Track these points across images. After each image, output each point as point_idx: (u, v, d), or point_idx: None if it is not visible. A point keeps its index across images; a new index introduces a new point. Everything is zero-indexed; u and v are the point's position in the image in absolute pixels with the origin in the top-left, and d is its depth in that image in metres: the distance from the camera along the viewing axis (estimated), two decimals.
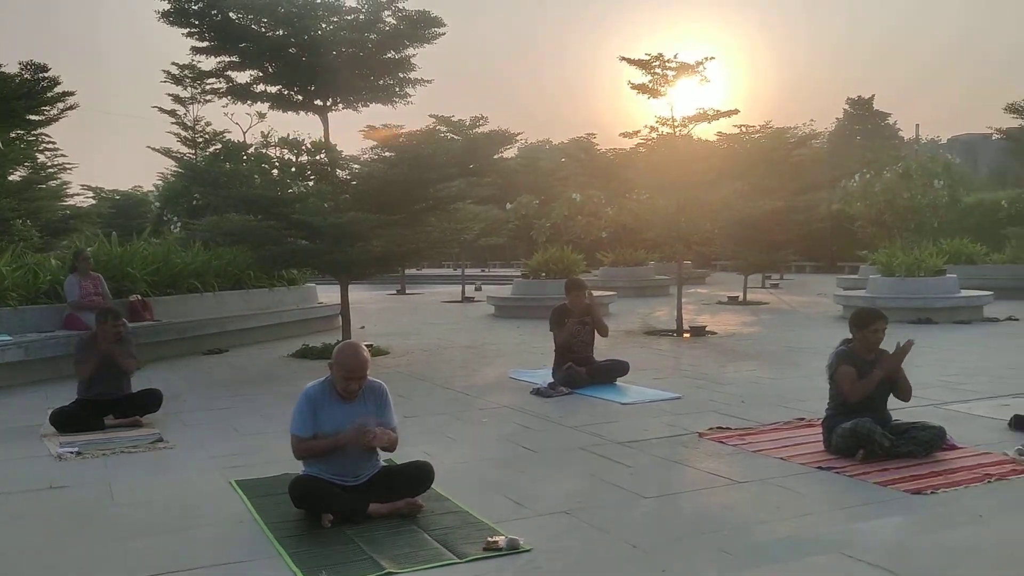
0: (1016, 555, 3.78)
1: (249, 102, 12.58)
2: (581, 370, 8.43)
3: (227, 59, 11.38)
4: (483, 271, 36.52)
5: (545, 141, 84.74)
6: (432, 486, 4.67)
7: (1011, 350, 10.88)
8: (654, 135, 13.56)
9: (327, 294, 15.65)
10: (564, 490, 4.92)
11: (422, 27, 11.08)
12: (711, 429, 6.44)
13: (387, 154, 11.50)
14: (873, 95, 64.13)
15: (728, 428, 6.50)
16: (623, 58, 13.14)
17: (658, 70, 12.88)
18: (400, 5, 10.91)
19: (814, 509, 4.49)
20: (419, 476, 4.65)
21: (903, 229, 18.90)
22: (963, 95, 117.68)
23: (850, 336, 5.83)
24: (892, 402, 5.95)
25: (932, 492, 4.73)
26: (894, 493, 4.73)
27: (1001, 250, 19.98)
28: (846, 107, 65.36)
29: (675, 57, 12.80)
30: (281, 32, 10.96)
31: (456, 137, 19.66)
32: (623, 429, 6.58)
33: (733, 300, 19.85)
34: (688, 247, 16.01)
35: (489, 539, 3.97)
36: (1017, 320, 14.33)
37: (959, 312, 14.52)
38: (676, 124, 13.29)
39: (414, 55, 11.38)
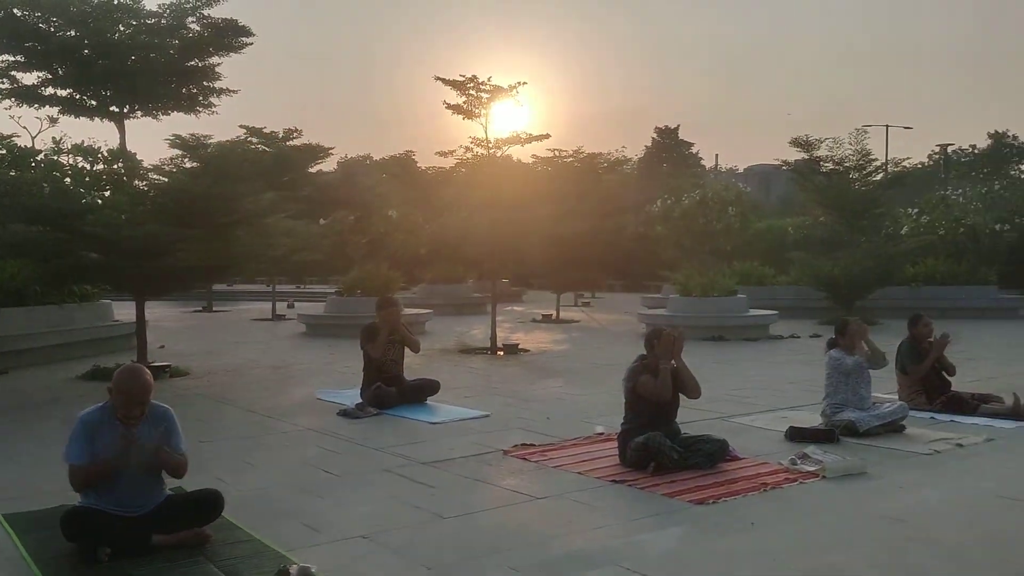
0: (775, 559, 4.06)
1: (37, 105, 11.68)
2: (391, 389, 8.35)
3: (11, 59, 10.52)
4: (299, 288, 35.56)
5: (366, 156, 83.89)
6: (223, 514, 4.46)
7: (792, 365, 11.77)
8: (469, 155, 13.75)
9: (125, 311, 14.71)
10: (363, 514, 4.84)
11: (229, 36, 10.70)
12: (515, 446, 6.55)
13: (191, 164, 10.99)
14: (679, 125, 68.04)
15: (532, 445, 6.63)
16: (439, 78, 13.27)
17: (473, 92, 13.09)
18: (206, 12, 10.50)
19: (604, 522, 4.65)
20: (207, 504, 4.43)
21: (700, 252, 20.12)
22: (758, 128, 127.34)
23: (644, 352, 6.12)
24: (683, 416, 6.29)
25: (713, 502, 5.02)
26: (680, 504, 4.98)
27: (787, 272, 21.64)
28: (654, 136, 68.93)
29: (489, 80, 13.06)
30: (73, 33, 10.27)
31: (268, 149, 19.08)
32: (429, 449, 6.57)
33: (547, 318, 20.39)
34: (504, 266, 16.31)
35: (281, 568, 3.83)
36: (799, 337, 15.55)
37: (748, 330, 15.61)
38: (491, 145, 13.53)
39: (219, 64, 10.97)
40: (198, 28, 10.56)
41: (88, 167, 10.69)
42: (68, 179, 10.74)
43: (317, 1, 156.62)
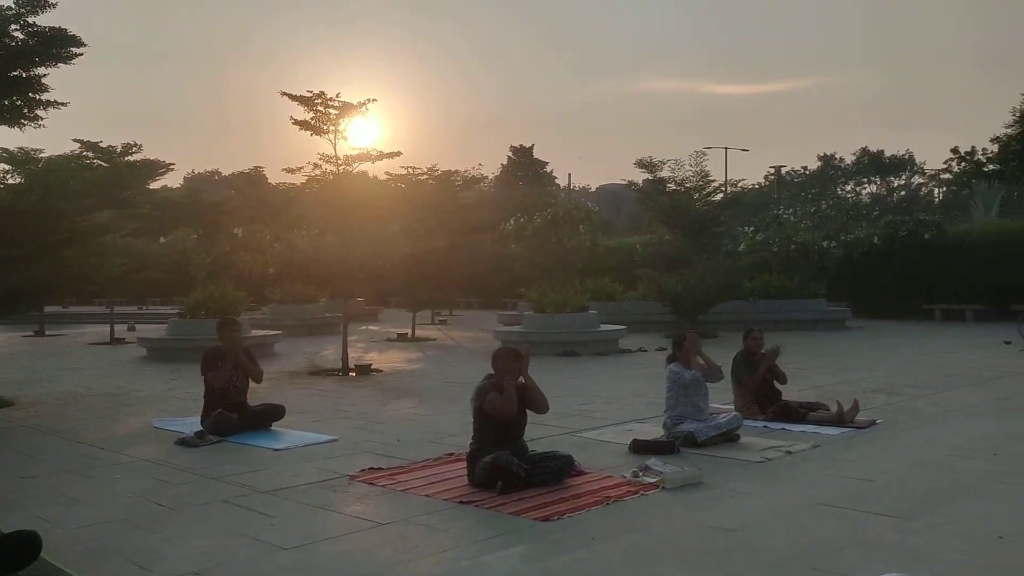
0: (610, 573, 4.15)
1: None
2: (232, 416, 8.04)
3: None
4: (140, 309, 33.80)
5: (214, 172, 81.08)
6: (41, 555, 4.15)
7: (638, 379, 12.13)
8: (318, 172, 13.51)
9: None
10: (197, 548, 4.61)
11: (57, 45, 10.07)
12: (362, 471, 6.43)
13: (14, 181, 10.27)
14: (533, 144, 69.46)
15: (380, 469, 6.53)
16: (285, 93, 12.98)
17: (321, 108, 12.87)
18: (31, 20, 9.84)
19: (450, 545, 4.62)
20: (23, 547, 4.10)
21: (554, 269, 20.53)
22: (611, 148, 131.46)
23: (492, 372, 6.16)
24: (532, 432, 6.36)
25: (558, 518, 5.08)
26: (525, 522, 5.02)
27: (635, 288, 22.39)
28: (510, 154, 70.03)
29: (337, 96, 12.88)
30: None
31: (105, 164, 18.09)
32: (272, 477, 6.35)
33: (402, 337, 20.23)
34: (357, 284, 16.07)
35: None
36: (646, 351, 16.07)
37: (598, 345, 16.02)
38: (340, 162, 13.34)
39: (46, 74, 10.29)
40: (22, 36, 9.88)
41: None
42: None
43: (164, 11, 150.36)
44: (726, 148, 51.95)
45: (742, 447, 7.12)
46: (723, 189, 24.89)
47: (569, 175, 74.96)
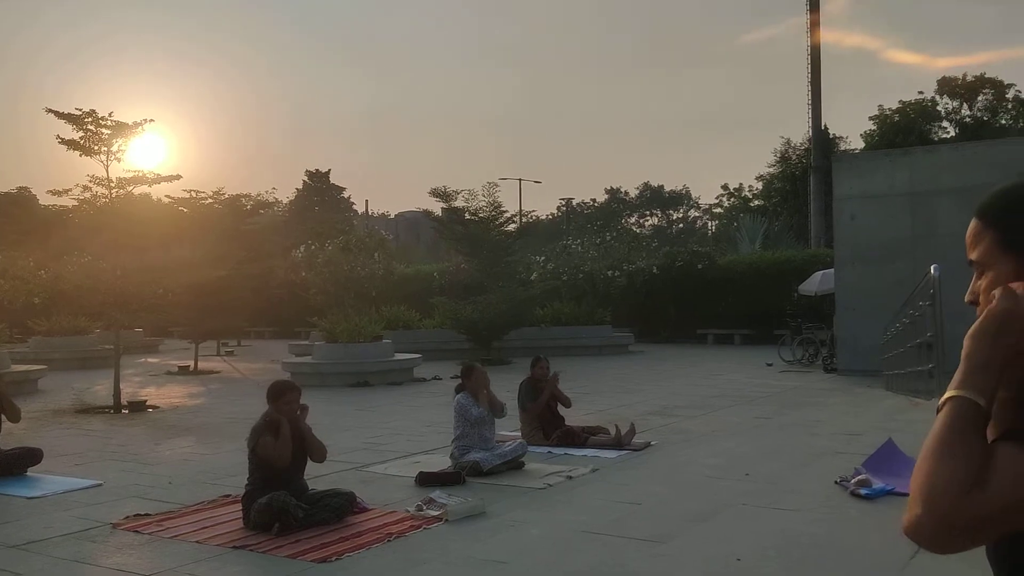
0: None
1: None
2: None
3: None
4: None
5: None
6: None
7: (430, 408, 12.13)
8: (87, 194, 12.57)
9: None
10: None
11: None
12: (127, 518, 5.99)
13: None
14: (330, 169, 68.27)
15: (147, 514, 6.10)
16: (50, 110, 12.02)
17: (92, 127, 12.02)
18: None
19: None
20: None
21: (347, 297, 20.22)
22: (409, 176, 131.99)
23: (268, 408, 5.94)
24: (316, 468, 6.18)
25: (337, 558, 4.96)
26: (303, 564, 4.86)
27: (432, 316, 22.48)
28: (305, 178, 68.53)
29: (110, 115, 12.09)
30: None
31: None
32: (23, 529, 5.78)
33: (184, 370, 19.15)
34: (132, 315, 15.05)
35: None
36: (441, 379, 16.11)
37: (393, 374, 15.90)
38: (112, 185, 12.49)
39: None
40: None
41: None
42: None
43: None
44: (520, 179, 53.69)
45: (526, 474, 7.28)
46: (518, 219, 25.65)
47: (367, 201, 74.43)
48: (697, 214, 72.45)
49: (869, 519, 5.48)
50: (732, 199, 53.97)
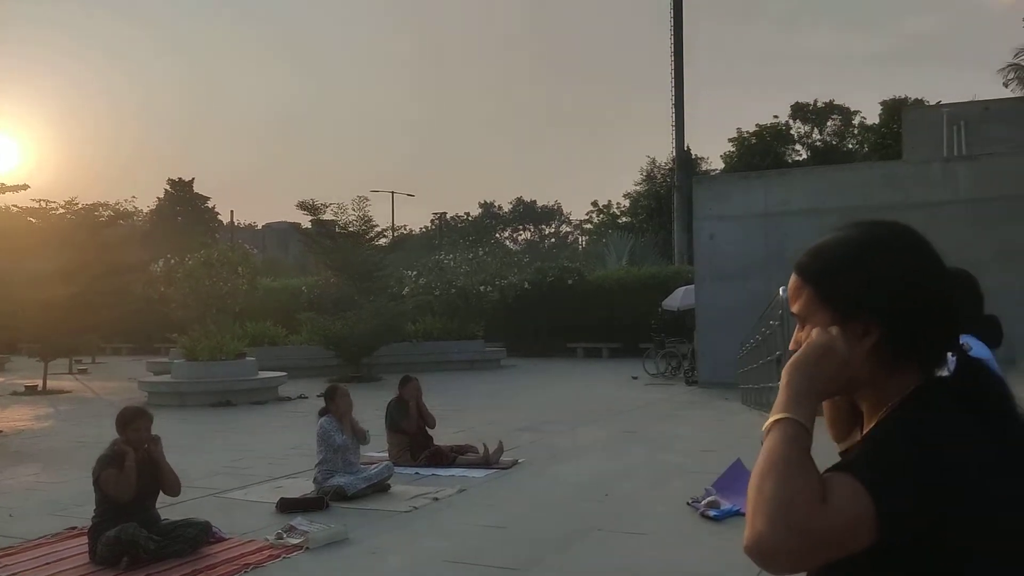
0: None
1: None
2: None
3: None
4: None
5: None
6: None
7: (295, 429, 11.74)
8: None
9: None
10: None
11: None
12: None
13: None
14: (193, 178, 65.70)
15: None
16: None
17: None
18: None
19: None
20: None
21: (209, 313, 19.51)
22: (277, 186, 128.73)
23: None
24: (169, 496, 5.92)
25: None
26: None
27: (299, 332, 21.95)
28: (167, 187, 65.74)
29: None
30: None
31: None
32: None
33: (32, 389, 17.98)
34: None
35: None
36: (307, 398, 15.71)
37: (256, 393, 15.43)
38: None
39: None
40: None
41: None
42: None
43: None
44: (392, 192, 53.25)
45: (392, 497, 7.21)
46: (390, 232, 25.45)
47: (232, 212, 72.11)
48: (569, 229, 73.88)
49: (716, 540, 5.65)
50: (601, 215, 55.30)
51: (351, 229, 20.91)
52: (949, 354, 1.27)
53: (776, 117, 47.69)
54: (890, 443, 1.18)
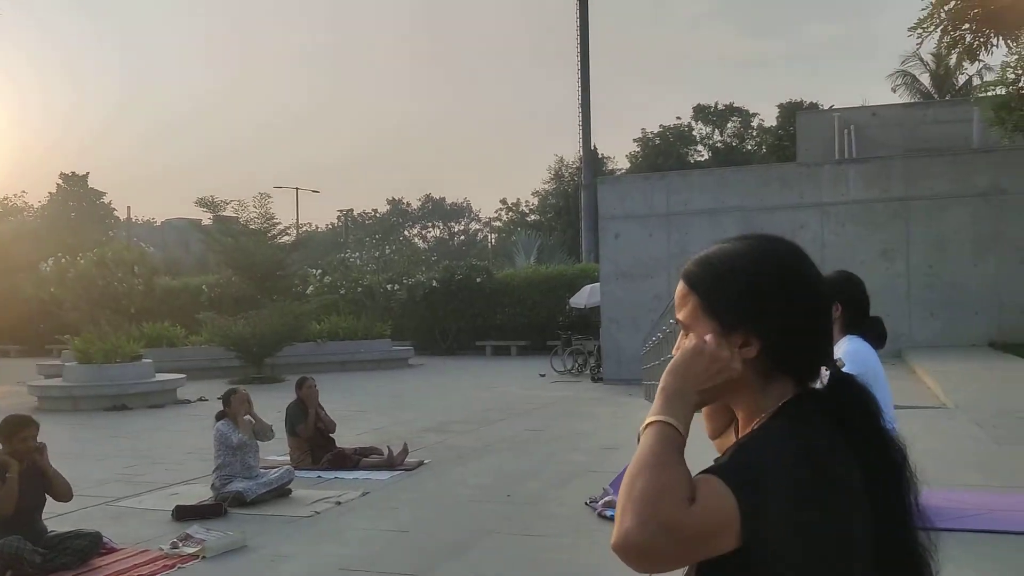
0: None
1: None
2: None
3: None
4: None
5: None
6: None
7: (193, 433, 11.38)
8: None
9: None
10: None
11: None
12: None
13: None
14: (88, 172, 63.10)
15: None
16: None
17: None
18: None
19: None
20: None
21: (103, 314, 18.80)
22: (181, 181, 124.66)
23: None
24: (60, 507, 5.69)
25: None
26: None
27: (199, 332, 21.36)
28: (59, 181, 62.98)
29: None
30: None
31: None
32: None
33: None
34: None
35: None
36: (207, 400, 15.27)
37: (153, 396, 14.94)
38: None
39: None
40: None
41: None
42: None
43: None
44: (297, 188, 52.20)
45: (293, 501, 7.10)
46: (294, 229, 25.03)
47: (128, 208, 69.38)
48: (478, 227, 73.91)
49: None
50: (510, 213, 55.61)
51: (252, 227, 20.47)
52: (823, 368, 1.33)
53: (679, 118, 48.89)
54: (758, 449, 1.23)
